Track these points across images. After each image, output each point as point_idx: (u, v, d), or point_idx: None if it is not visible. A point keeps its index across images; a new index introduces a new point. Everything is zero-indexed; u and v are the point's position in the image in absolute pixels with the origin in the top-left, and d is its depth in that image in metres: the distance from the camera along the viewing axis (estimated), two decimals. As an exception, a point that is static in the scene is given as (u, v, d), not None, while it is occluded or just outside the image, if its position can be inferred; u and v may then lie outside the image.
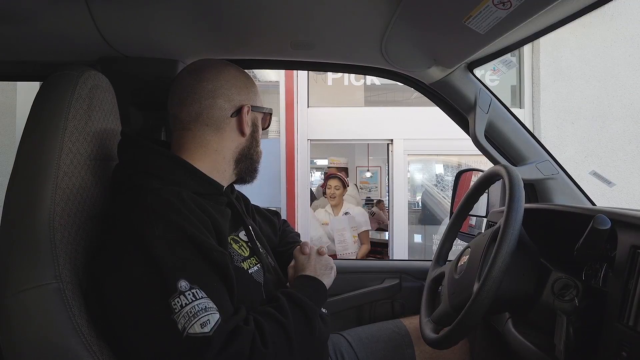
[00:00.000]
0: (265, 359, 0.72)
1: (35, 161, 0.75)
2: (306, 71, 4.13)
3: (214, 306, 0.70)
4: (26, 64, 1.26)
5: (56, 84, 0.81)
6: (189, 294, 0.68)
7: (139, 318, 0.69)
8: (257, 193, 1.09)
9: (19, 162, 0.76)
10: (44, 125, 0.77)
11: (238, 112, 0.93)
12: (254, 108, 0.97)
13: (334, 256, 3.03)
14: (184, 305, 0.67)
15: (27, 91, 3.37)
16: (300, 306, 0.84)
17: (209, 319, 0.68)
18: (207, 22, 1.05)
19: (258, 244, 0.99)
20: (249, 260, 0.92)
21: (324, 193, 3.99)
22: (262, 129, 1.04)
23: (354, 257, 3.09)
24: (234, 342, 0.70)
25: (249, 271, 0.90)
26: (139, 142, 0.87)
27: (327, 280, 0.98)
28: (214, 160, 0.92)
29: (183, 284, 0.69)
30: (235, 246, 0.91)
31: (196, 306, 0.68)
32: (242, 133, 0.95)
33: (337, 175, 3.79)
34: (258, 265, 0.93)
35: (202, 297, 0.69)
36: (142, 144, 0.86)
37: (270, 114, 1.05)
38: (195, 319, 0.67)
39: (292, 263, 1.04)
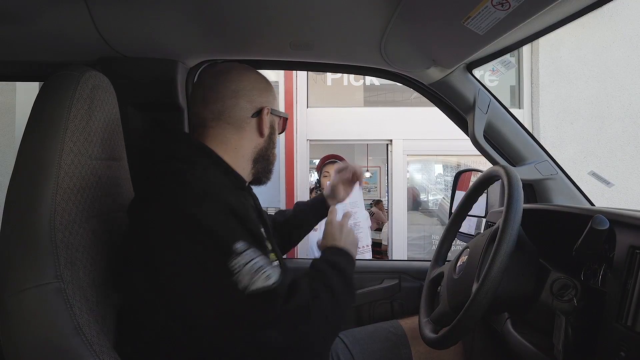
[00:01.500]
0: (322, 310, 0.79)
1: (37, 161, 0.75)
2: (305, 71, 4.13)
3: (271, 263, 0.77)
4: (26, 64, 1.26)
5: (57, 84, 0.81)
6: (246, 254, 0.73)
7: (202, 287, 0.74)
8: (256, 193, 1.09)
9: (20, 162, 0.76)
10: (45, 125, 0.77)
11: (258, 113, 0.98)
12: (273, 111, 1.02)
13: None
14: (244, 264, 0.72)
15: (26, 91, 3.37)
16: (340, 270, 0.90)
17: (271, 273, 0.75)
18: (206, 22, 1.05)
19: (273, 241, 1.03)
20: (271, 254, 0.93)
21: (318, 185, 3.42)
22: (278, 133, 1.08)
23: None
24: (295, 294, 0.77)
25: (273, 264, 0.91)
26: (169, 130, 0.93)
27: (354, 254, 1.01)
28: (234, 157, 0.96)
29: (239, 246, 0.73)
30: None
31: (257, 262, 0.74)
32: (261, 134, 0.99)
33: (335, 159, 3.16)
34: (277, 261, 0.95)
35: (259, 255, 0.75)
36: (172, 133, 0.92)
37: (287, 119, 1.10)
38: (258, 275, 0.73)
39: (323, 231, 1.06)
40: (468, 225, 1.46)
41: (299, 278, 0.83)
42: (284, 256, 1.33)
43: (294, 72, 4.06)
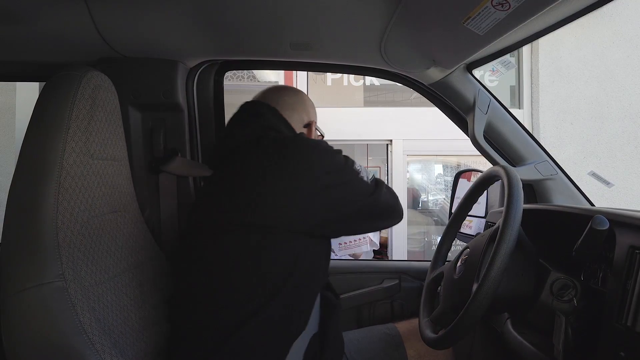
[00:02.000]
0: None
1: (39, 160, 0.75)
2: (305, 72, 4.14)
3: None
4: (26, 64, 1.26)
5: (59, 84, 0.81)
6: (356, 162, 1.07)
7: (351, 185, 0.99)
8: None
9: (22, 162, 0.76)
10: (47, 124, 0.77)
11: (308, 126, 1.18)
12: (317, 128, 1.21)
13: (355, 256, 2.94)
14: (359, 165, 1.07)
15: (26, 91, 3.37)
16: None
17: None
18: (206, 23, 1.05)
19: None
20: None
21: None
22: None
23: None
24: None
25: None
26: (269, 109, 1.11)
27: None
28: None
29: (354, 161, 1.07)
30: None
31: (362, 166, 1.09)
32: None
33: None
34: None
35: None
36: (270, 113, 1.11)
37: (323, 137, 1.27)
38: (366, 171, 1.09)
39: None
40: (478, 225, 1.46)
41: None
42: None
43: (294, 72, 4.06)
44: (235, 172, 0.95)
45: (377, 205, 1.04)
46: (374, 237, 2.95)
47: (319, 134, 1.24)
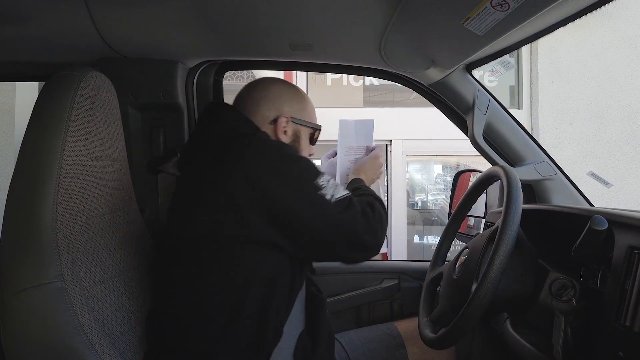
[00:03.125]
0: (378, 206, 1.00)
1: (38, 160, 0.75)
2: (305, 72, 4.14)
3: None
4: (26, 64, 1.26)
5: (59, 84, 0.81)
6: (326, 176, 0.93)
7: (305, 202, 0.88)
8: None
9: (21, 162, 0.76)
10: (46, 124, 0.77)
11: (275, 121, 1.05)
12: (296, 120, 1.08)
13: None
14: (328, 180, 0.92)
15: (26, 91, 3.37)
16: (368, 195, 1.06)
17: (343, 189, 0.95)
18: (206, 23, 1.05)
19: None
20: None
21: None
22: (311, 144, 1.17)
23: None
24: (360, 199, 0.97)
25: None
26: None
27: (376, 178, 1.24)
28: None
29: (322, 174, 0.92)
30: None
31: (334, 182, 0.94)
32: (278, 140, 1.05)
33: None
34: None
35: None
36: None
37: (319, 130, 1.18)
38: (338, 187, 0.93)
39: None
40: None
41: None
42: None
43: (293, 72, 4.06)
44: (193, 179, 0.94)
45: (336, 231, 0.90)
46: None
47: (289, 131, 1.08)
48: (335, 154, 1.33)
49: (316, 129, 1.16)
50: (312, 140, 1.17)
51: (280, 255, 0.90)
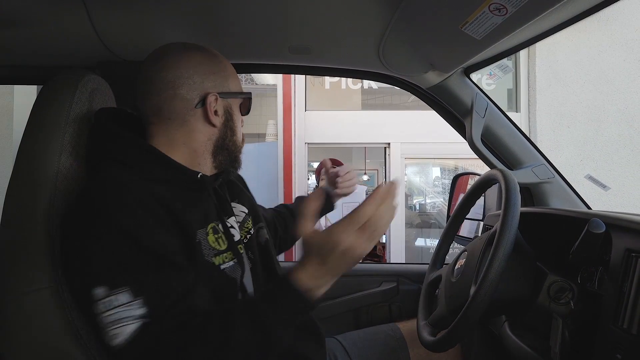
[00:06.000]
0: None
1: (35, 164, 0.75)
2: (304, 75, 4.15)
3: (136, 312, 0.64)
4: (25, 67, 1.26)
5: (57, 87, 0.81)
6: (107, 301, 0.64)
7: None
8: (254, 196, 1.08)
9: (18, 165, 0.76)
10: (44, 128, 0.77)
11: (203, 102, 0.84)
12: (224, 95, 0.87)
13: None
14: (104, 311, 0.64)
15: (24, 94, 3.37)
16: (258, 322, 0.68)
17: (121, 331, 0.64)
18: (205, 26, 1.06)
19: (239, 235, 0.91)
20: (223, 254, 0.82)
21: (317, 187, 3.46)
22: (243, 114, 0.94)
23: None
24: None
25: (221, 267, 0.81)
26: (109, 128, 0.80)
27: (341, 267, 0.69)
28: (186, 154, 0.85)
29: (100, 291, 0.64)
30: (211, 237, 0.82)
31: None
32: (211, 124, 0.86)
33: (335, 166, 3.20)
34: (234, 260, 0.84)
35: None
36: (113, 131, 0.80)
37: (249, 98, 0.94)
38: (130, 309, 0.64)
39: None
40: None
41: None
42: (281, 254, 1.31)
43: (292, 75, 4.07)
44: None
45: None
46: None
47: (219, 109, 0.87)
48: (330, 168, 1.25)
49: (247, 97, 0.93)
50: (244, 109, 0.94)
51: None
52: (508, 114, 1.31)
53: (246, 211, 1.00)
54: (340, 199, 1.32)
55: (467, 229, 1.52)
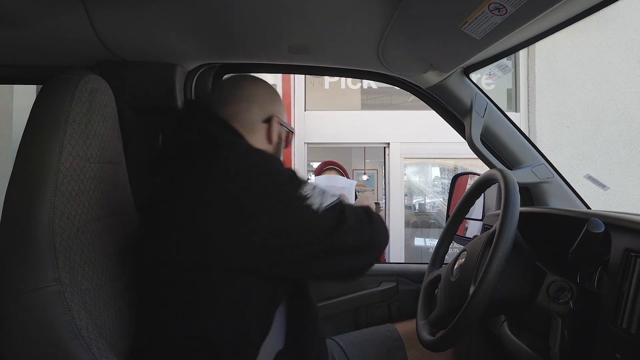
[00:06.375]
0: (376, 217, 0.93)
1: (35, 164, 0.75)
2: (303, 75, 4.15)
3: None
4: (24, 67, 1.26)
5: (56, 87, 0.81)
6: (311, 184, 0.85)
7: (290, 216, 0.79)
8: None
9: (18, 165, 0.76)
10: (44, 128, 0.77)
11: (269, 120, 1.02)
12: (282, 123, 1.05)
13: None
14: (313, 188, 0.84)
15: (24, 94, 3.37)
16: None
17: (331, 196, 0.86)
18: (205, 26, 1.06)
19: None
20: None
21: None
22: (284, 147, 1.10)
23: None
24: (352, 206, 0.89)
25: None
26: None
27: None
28: None
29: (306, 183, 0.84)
30: None
31: (320, 189, 0.85)
32: (270, 140, 1.02)
33: (334, 166, 3.04)
34: None
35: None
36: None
37: (293, 133, 1.12)
38: (325, 195, 0.84)
39: None
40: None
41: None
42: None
43: (292, 75, 4.07)
44: (162, 194, 0.85)
45: (326, 243, 0.81)
46: None
47: (276, 133, 1.04)
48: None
49: (292, 132, 1.11)
50: (286, 142, 1.10)
51: (252, 277, 0.81)
52: (507, 113, 1.31)
53: None
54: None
55: (471, 229, 1.52)
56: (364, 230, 0.87)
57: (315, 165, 6.23)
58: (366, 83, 4.62)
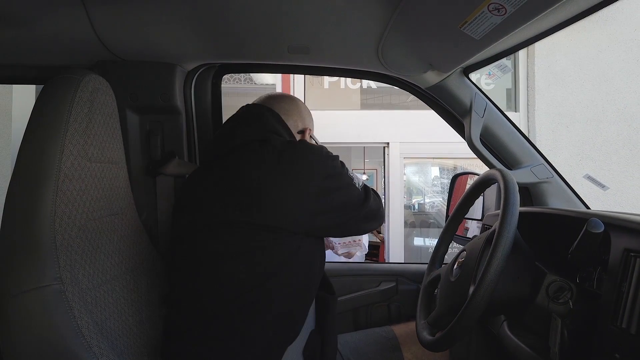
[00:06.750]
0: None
1: (37, 163, 0.75)
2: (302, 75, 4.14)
3: None
4: (24, 67, 1.26)
5: (57, 87, 0.81)
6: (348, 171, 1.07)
7: (347, 190, 1.02)
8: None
9: (20, 164, 0.76)
10: (45, 127, 0.77)
11: (302, 132, 1.21)
12: (312, 135, 1.24)
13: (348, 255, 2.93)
14: (352, 173, 1.07)
15: (23, 94, 3.36)
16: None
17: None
18: (205, 26, 1.06)
19: None
20: None
21: None
22: None
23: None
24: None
25: None
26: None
27: None
28: None
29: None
30: None
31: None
32: None
33: None
34: None
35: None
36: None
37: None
38: (356, 175, 1.07)
39: None
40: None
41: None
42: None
43: (291, 75, 4.07)
44: (237, 171, 0.96)
45: (367, 210, 1.06)
46: (365, 241, 2.95)
47: (314, 141, 1.25)
48: None
49: (318, 142, 1.25)
50: None
51: (315, 242, 1.02)
52: (507, 113, 1.31)
53: None
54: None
55: (471, 229, 1.52)
56: (377, 202, 1.11)
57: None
58: (366, 83, 4.61)
